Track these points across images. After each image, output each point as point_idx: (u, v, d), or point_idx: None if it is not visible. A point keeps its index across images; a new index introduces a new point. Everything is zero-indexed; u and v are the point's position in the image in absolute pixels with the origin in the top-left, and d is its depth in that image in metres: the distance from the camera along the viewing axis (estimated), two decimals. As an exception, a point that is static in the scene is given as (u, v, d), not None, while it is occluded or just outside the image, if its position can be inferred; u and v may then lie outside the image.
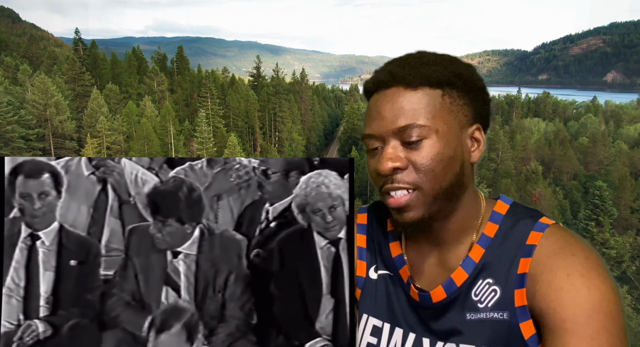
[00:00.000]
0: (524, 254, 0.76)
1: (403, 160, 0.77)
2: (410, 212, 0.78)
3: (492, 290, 0.78)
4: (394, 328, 0.87)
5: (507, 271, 0.77)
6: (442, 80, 0.77)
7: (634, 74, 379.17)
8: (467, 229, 0.83)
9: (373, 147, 0.81)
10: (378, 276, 0.91)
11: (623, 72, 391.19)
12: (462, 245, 0.83)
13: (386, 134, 0.78)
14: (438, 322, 0.82)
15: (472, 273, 0.80)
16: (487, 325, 0.78)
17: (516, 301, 0.76)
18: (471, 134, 0.81)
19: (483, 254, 0.80)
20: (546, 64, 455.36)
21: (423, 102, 0.77)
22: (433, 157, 0.76)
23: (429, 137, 0.76)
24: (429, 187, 0.77)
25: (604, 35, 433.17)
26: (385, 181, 0.79)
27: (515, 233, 0.79)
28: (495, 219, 0.82)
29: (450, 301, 0.81)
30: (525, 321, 0.75)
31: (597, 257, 0.73)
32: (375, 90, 0.82)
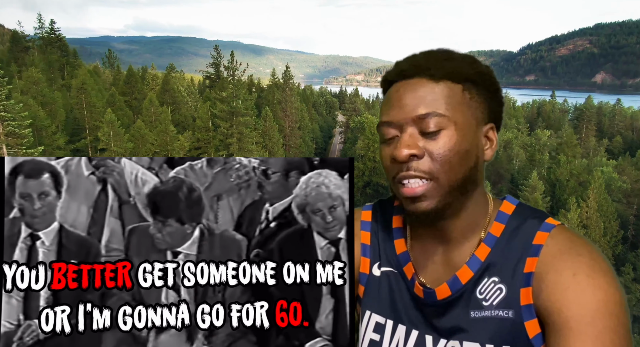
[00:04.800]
0: (530, 254, 0.77)
1: (420, 149, 0.77)
2: (425, 201, 0.78)
3: (498, 288, 0.78)
4: (397, 325, 0.87)
5: (513, 270, 0.78)
6: (463, 76, 0.79)
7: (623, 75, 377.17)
8: (474, 227, 0.83)
9: (389, 137, 0.81)
10: (381, 272, 0.91)
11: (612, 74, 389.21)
12: (468, 243, 0.83)
13: (405, 122, 0.78)
14: (442, 320, 0.82)
15: (478, 271, 0.80)
16: (492, 323, 0.78)
17: (522, 300, 0.76)
18: (485, 133, 0.82)
19: (489, 253, 0.81)
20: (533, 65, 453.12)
21: (444, 94, 0.78)
22: (451, 148, 0.77)
23: (447, 128, 0.77)
24: (444, 178, 0.77)
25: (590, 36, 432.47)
26: (399, 169, 0.79)
27: (521, 233, 0.79)
28: (502, 218, 0.83)
29: (455, 299, 0.81)
30: (531, 320, 0.75)
31: (602, 258, 0.74)
32: (396, 79, 0.83)
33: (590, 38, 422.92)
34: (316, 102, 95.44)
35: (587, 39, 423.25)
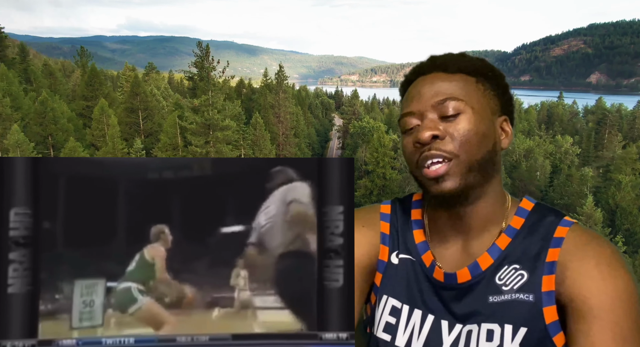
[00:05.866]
0: (552, 245, 0.81)
1: (442, 131, 0.82)
2: (447, 181, 0.81)
3: (519, 274, 0.82)
4: (413, 310, 0.89)
5: (535, 259, 0.81)
6: (476, 70, 0.87)
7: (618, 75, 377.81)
8: (494, 218, 0.87)
9: (411, 127, 0.86)
10: (399, 260, 0.93)
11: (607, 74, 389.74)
12: (487, 234, 0.87)
13: (425, 109, 0.84)
14: (459, 304, 0.85)
15: (497, 259, 0.84)
16: (511, 305, 0.80)
17: (543, 286, 0.79)
18: (500, 123, 0.88)
19: (509, 243, 0.84)
20: (528, 65, 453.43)
21: (460, 84, 0.85)
22: (470, 129, 0.82)
23: (465, 112, 0.83)
24: (465, 157, 0.81)
25: (584, 36, 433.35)
26: (422, 151, 0.83)
27: (541, 227, 0.84)
28: (522, 213, 0.87)
29: (474, 284, 0.84)
30: (549, 306, 0.78)
31: (619, 251, 0.79)
32: (414, 78, 0.90)
33: (585, 38, 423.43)
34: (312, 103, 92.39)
35: (581, 39, 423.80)
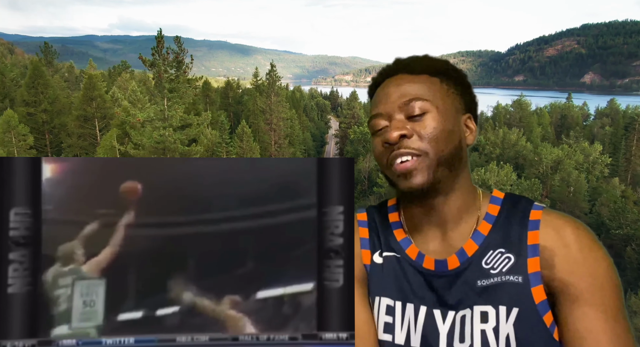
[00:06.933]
0: (530, 228, 0.85)
1: (409, 130, 0.86)
2: (417, 176, 0.85)
3: (506, 257, 0.84)
4: (405, 304, 0.90)
5: (518, 243, 0.85)
6: (440, 70, 0.91)
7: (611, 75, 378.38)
8: (467, 208, 0.90)
9: (380, 128, 0.90)
10: (383, 258, 0.95)
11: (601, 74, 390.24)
12: (464, 223, 0.90)
13: (392, 110, 0.88)
14: (450, 292, 0.87)
15: (482, 245, 0.87)
16: (502, 287, 0.83)
17: (529, 268, 0.82)
18: (464, 121, 0.92)
19: (491, 229, 0.88)
20: (521, 65, 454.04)
21: (424, 85, 0.89)
22: (435, 127, 0.86)
23: (431, 111, 0.87)
24: (432, 153, 0.85)
25: (577, 37, 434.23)
26: (392, 150, 0.87)
27: (516, 212, 0.88)
28: (496, 201, 0.91)
29: (462, 270, 0.87)
30: (537, 286, 0.81)
31: (592, 231, 0.84)
32: (382, 80, 0.95)
33: (578, 38, 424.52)
34: (307, 105, 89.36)
35: (575, 40, 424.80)
